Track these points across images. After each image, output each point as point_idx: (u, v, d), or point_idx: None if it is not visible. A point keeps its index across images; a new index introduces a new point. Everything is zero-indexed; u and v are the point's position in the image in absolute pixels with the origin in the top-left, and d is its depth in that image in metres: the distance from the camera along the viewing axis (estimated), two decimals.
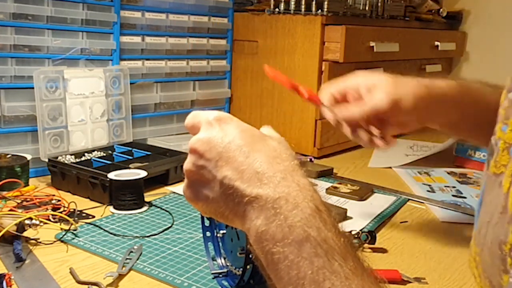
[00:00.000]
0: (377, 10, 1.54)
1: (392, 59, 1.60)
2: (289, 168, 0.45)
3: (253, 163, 0.45)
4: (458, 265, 0.79)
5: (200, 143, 0.47)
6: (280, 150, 0.47)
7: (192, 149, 0.48)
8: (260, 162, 0.45)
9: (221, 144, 0.46)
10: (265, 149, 0.46)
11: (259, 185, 0.43)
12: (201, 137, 0.47)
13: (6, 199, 0.92)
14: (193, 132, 0.50)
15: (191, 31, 1.44)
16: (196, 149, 0.47)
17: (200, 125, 0.49)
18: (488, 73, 1.90)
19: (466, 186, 1.19)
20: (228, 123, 0.48)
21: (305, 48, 1.41)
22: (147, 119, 1.37)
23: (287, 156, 0.46)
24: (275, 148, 0.47)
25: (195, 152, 0.47)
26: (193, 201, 0.49)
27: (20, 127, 1.10)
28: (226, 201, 0.45)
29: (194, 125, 0.50)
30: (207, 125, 0.48)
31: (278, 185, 0.43)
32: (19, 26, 1.07)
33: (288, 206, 0.42)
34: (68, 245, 0.79)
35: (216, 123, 0.48)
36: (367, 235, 0.81)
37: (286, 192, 0.43)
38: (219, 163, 0.46)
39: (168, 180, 1.10)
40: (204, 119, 0.49)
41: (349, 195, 1.06)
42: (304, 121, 1.43)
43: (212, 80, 1.53)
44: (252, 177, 0.44)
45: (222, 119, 0.48)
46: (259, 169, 0.44)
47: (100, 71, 1.19)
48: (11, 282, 0.65)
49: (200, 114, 0.50)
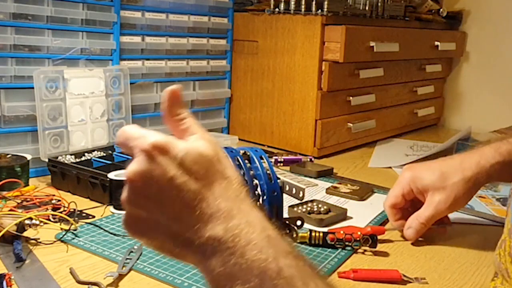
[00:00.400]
0: (377, 10, 1.54)
1: (392, 59, 1.60)
2: (237, 201, 0.44)
3: (200, 203, 0.43)
4: (458, 265, 0.79)
5: (138, 177, 0.43)
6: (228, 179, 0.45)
7: (130, 182, 0.44)
8: (207, 201, 0.43)
9: (163, 180, 0.43)
10: (210, 182, 0.44)
11: (210, 226, 0.42)
12: (138, 169, 0.43)
13: (6, 199, 0.92)
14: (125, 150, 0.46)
15: (191, 31, 1.44)
16: (135, 183, 0.44)
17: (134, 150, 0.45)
18: (488, 73, 1.91)
19: None
20: (167, 154, 0.44)
21: (305, 48, 1.41)
22: (147, 119, 1.37)
23: (236, 186, 0.45)
24: (223, 175, 0.45)
25: (133, 186, 0.44)
26: (134, 236, 0.46)
27: (20, 127, 1.10)
28: (175, 241, 0.43)
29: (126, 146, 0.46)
30: (143, 155, 0.44)
31: (229, 223, 0.42)
32: (19, 26, 1.07)
33: (242, 242, 0.41)
34: (68, 245, 0.79)
35: (154, 154, 0.43)
36: (369, 238, 0.80)
37: (239, 228, 0.42)
38: (164, 202, 0.43)
39: None
40: (140, 145, 0.44)
41: (349, 195, 1.06)
42: (304, 121, 1.43)
43: (212, 80, 1.53)
44: (200, 217, 0.42)
45: (160, 148, 0.44)
46: (206, 209, 0.42)
47: (100, 71, 1.19)
48: (11, 282, 0.65)
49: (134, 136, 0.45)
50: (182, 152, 0.44)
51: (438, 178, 0.84)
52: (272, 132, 1.52)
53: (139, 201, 0.44)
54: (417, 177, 0.86)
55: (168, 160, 0.43)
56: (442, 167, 0.85)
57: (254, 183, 0.62)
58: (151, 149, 0.43)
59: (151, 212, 0.44)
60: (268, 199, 0.61)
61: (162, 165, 0.43)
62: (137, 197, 0.44)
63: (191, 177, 0.43)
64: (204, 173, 0.44)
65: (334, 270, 0.74)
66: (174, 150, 0.44)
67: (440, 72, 1.92)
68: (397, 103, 1.71)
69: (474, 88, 1.97)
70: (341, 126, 1.47)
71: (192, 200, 0.43)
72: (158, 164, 0.43)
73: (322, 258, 0.78)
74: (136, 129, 0.46)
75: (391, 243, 0.86)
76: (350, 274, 0.72)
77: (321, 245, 0.81)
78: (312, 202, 0.97)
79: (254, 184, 0.62)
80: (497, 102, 1.88)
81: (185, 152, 0.44)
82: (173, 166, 0.43)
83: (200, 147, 0.45)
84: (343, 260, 0.78)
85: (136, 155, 0.44)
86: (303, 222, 0.69)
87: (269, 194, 0.61)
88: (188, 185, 0.43)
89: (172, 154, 0.44)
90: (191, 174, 0.43)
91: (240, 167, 0.63)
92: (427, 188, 0.84)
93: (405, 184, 0.87)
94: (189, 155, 0.44)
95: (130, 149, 0.45)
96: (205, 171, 0.44)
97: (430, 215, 0.84)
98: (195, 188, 0.43)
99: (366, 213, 0.97)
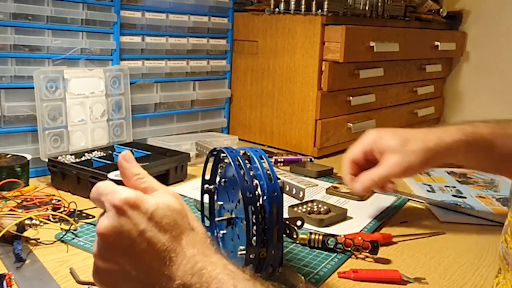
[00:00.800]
0: (377, 10, 1.54)
1: (392, 59, 1.60)
2: (202, 248, 0.48)
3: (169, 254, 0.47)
4: (458, 265, 0.79)
5: (110, 231, 0.47)
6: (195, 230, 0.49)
7: (101, 236, 0.47)
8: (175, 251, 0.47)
9: (134, 234, 0.46)
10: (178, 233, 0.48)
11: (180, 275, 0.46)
12: (109, 224, 0.47)
13: (6, 199, 0.92)
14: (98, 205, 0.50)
15: (191, 31, 1.44)
16: (106, 237, 0.47)
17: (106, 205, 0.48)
18: (488, 73, 1.91)
19: (466, 186, 1.19)
20: (137, 209, 0.47)
21: (305, 48, 1.41)
22: (147, 119, 1.37)
23: (201, 236, 0.49)
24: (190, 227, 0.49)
25: (105, 241, 0.47)
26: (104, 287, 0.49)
27: (20, 127, 1.10)
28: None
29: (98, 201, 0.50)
30: (115, 210, 0.47)
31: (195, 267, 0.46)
32: (19, 26, 1.07)
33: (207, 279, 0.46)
34: (68, 245, 0.79)
35: (125, 208, 0.47)
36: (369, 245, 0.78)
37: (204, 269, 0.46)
38: (135, 255, 0.47)
39: (168, 180, 1.10)
40: (111, 200, 0.48)
41: (349, 195, 1.06)
42: (304, 121, 1.43)
43: (212, 80, 1.53)
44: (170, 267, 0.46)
45: (131, 203, 0.47)
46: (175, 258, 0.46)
47: (100, 71, 1.19)
48: (11, 282, 0.65)
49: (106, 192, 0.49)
50: (153, 207, 0.48)
51: (399, 142, 0.86)
52: (272, 132, 1.52)
53: (110, 255, 0.48)
54: (380, 138, 0.88)
55: (138, 214, 0.47)
56: (406, 134, 0.87)
57: (254, 183, 0.62)
58: (122, 204, 0.47)
59: (122, 265, 0.47)
60: (268, 200, 0.61)
61: (133, 219, 0.47)
62: (109, 251, 0.48)
63: (161, 230, 0.47)
64: (173, 225, 0.48)
65: (334, 270, 0.74)
66: (144, 205, 0.48)
67: (440, 72, 1.92)
68: (397, 103, 1.71)
69: (474, 88, 1.97)
70: (341, 126, 1.47)
71: (162, 251, 0.47)
72: (129, 218, 0.47)
73: (322, 259, 0.78)
74: (108, 184, 0.50)
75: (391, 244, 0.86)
76: (350, 274, 0.72)
77: (320, 248, 0.80)
78: (312, 202, 0.97)
79: (254, 184, 0.62)
80: (497, 102, 1.88)
81: (156, 207, 0.48)
82: (144, 219, 0.47)
83: (169, 201, 0.49)
84: (343, 260, 0.78)
85: (108, 210, 0.48)
86: (303, 222, 0.69)
87: (269, 194, 0.61)
88: (159, 237, 0.47)
89: (142, 209, 0.47)
90: (161, 227, 0.47)
91: (240, 167, 0.63)
92: (387, 149, 0.86)
93: (368, 143, 0.89)
94: (159, 210, 0.48)
95: (102, 204, 0.49)
96: (173, 223, 0.48)
97: (382, 174, 0.86)
98: (165, 240, 0.47)
99: (366, 213, 0.97)
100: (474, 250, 0.84)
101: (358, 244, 0.78)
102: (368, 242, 0.78)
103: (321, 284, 0.71)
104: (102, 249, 0.48)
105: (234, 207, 0.66)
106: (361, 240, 0.78)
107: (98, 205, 0.50)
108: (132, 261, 0.47)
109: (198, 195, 0.75)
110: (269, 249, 0.62)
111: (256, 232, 0.61)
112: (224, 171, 0.70)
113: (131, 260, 0.47)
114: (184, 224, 0.49)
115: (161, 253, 0.46)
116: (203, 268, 0.46)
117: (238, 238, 0.66)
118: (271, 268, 0.63)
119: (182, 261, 0.46)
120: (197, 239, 0.49)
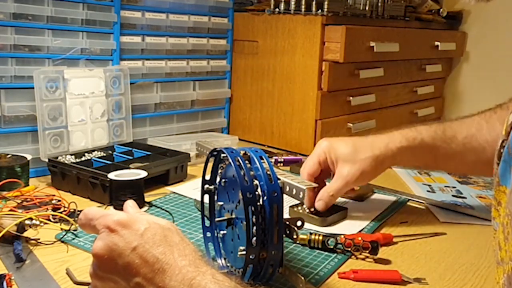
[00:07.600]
0: (377, 10, 1.54)
1: (392, 59, 1.61)
2: (193, 257, 0.51)
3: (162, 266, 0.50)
4: (458, 265, 0.79)
5: (105, 251, 0.50)
6: (185, 242, 0.53)
7: (96, 257, 0.51)
8: (168, 263, 0.50)
9: (127, 251, 0.50)
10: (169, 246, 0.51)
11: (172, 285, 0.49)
12: (104, 244, 0.51)
13: (6, 199, 0.92)
14: (88, 231, 0.54)
15: (191, 31, 1.44)
16: (101, 257, 0.50)
17: (98, 227, 0.52)
18: (488, 73, 1.91)
19: (466, 186, 1.19)
20: (130, 228, 0.51)
21: (305, 48, 1.41)
22: (147, 119, 1.37)
23: (191, 247, 0.53)
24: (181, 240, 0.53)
25: (100, 261, 0.51)
26: None
27: (20, 127, 1.10)
28: None
29: (89, 226, 0.53)
30: (108, 230, 0.51)
31: (186, 275, 0.49)
32: (19, 26, 1.07)
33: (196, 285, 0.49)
34: (69, 245, 0.79)
35: (118, 229, 0.51)
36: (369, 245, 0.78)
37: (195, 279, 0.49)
38: (130, 271, 0.50)
39: (168, 180, 1.10)
40: (103, 223, 0.51)
41: (349, 195, 1.06)
42: (304, 121, 1.43)
43: (212, 80, 1.53)
44: (163, 279, 0.49)
45: (123, 223, 0.51)
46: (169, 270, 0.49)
47: (100, 71, 1.19)
48: (11, 283, 0.65)
49: (97, 216, 0.53)
50: (144, 226, 0.52)
51: (350, 151, 0.91)
52: (272, 132, 1.52)
53: (106, 273, 0.51)
54: (332, 147, 0.92)
55: (130, 232, 0.51)
56: (355, 143, 0.92)
57: (254, 183, 0.62)
58: (115, 225, 0.51)
59: (118, 282, 0.51)
60: (268, 200, 0.61)
61: (126, 238, 0.50)
62: (104, 270, 0.51)
63: (154, 245, 0.51)
64: (165, 240, 0.52)
65: (334, 271, 0.74)
66: (136, 224, 0.51)
67: (440, 72, 1.92)
68: (397, 103, 1.71)
69: (474, 88, 1.97)
70: (341, 126, 1.47)
71: (155, 263, 0.50)
72: (122, 236, 0.50)
73: (322, 259, 0.78)
74: (97, 210, 0.54)
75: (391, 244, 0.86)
76: (350, 274, 0.72)
77: (320, 249, 0.80)
78: None
79: (254, 184, 0.62)
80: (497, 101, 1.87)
81: (147, 225, 0.52)
82: (136, 237, 0.51)
83: (158, 220, 0.54)
84: (343, 261, 0.78)
85: (100, 232, 0.51)
86: (303, 223, 0.69)
87: (269, 194, 0.61)
88: (151, 251, 0.50)
89: (134, 227, 0.51)
90: (153, 243, 0.51)
91: (240, 168, 0.63)
92: (339, 159, 0.91)
93: (321, 152, 0.93)
94: (151, 228, 0.52)
95: (94, 227, 0.52)
96: (165, 238, 0.52)
97: (338, 187, 0.91)
98: (157, 253, 0.50)
99: (366, 214, 0.97)
100: (474, 251, 0.84)
101: (358, 245, 0.78)
102: (368, 242, 0.78)
103: (321, 285, 0.71)
104: (97, 269, 0.51)
105: (234, 207, 0.66)
106: (361, 240, 0.78)
107: (88, 230, 0.53)
108: (127, 277, 0.50)
109: (198, 195, 0.75)
110: (269, 250, 0.62)
111: (256, 233, 0.61)
112: (224, 172, 0.70)
113: (126, 276, 0.50)
114: (175, 238, 0.53)
115: (154, 266, 0.50)
116: (193, 278, 0.49)
117: (238, 239, 0.66)
118: (271, 268, 0.63)
119: (174, 272, 0.50)
120: (187, 251, 0.52)
